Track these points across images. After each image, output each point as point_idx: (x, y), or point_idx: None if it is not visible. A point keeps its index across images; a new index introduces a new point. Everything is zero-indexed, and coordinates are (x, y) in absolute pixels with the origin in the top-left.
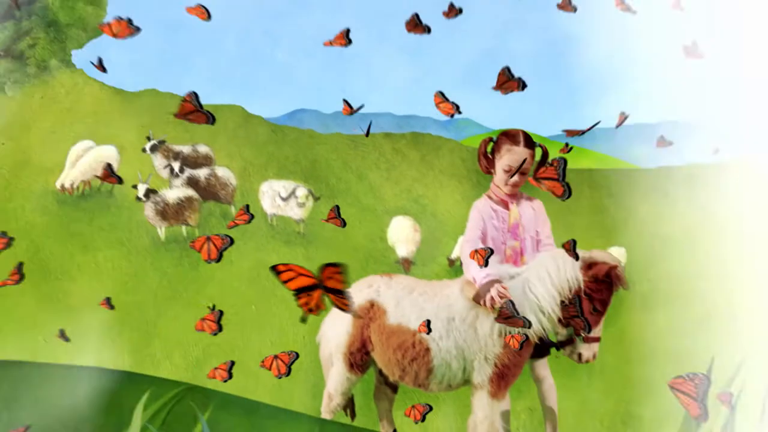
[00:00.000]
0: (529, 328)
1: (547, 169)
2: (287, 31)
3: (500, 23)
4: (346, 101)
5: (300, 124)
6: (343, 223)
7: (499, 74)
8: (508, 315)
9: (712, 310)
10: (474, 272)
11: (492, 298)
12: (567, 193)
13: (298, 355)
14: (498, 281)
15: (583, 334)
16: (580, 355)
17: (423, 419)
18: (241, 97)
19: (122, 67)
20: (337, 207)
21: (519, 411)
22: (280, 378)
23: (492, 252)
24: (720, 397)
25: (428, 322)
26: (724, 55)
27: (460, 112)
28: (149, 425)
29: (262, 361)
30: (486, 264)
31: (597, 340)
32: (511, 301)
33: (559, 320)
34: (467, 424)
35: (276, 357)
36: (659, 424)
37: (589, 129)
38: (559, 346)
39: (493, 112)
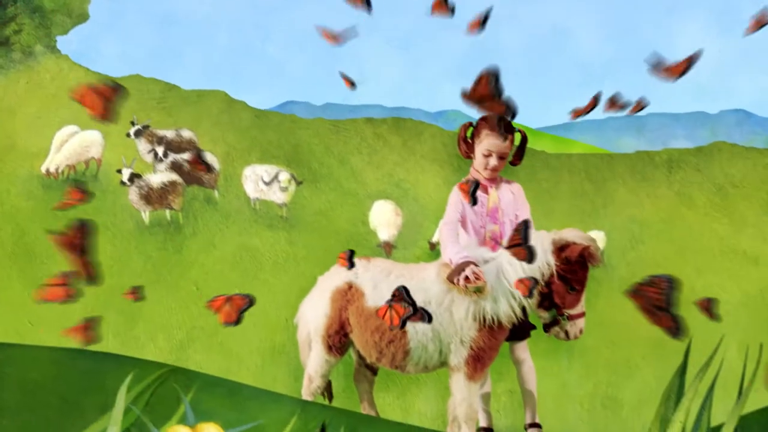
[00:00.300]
0: (429, 322)
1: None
2: (279, 24)
3: (492, 16)
4: (344, 75)
5: None
6: (208, 169)
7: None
8: (402, 303)
9: (690, 293)
10: (451, 254)
11: (466, 278)
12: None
13: (252, 302)
14: (473, 263)
15: (566, 313)
16: (567, 333)
17: None
18: (232, 89)
19: (114, 58)
20: (200, 152)
21: (499, 393)
22: (227, 326)
23: (536, 282)
24: (700, 304)
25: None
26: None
27: (453, 13)
28: (133, 406)
29: (210, 301)
30: (530, 294)
31: (581, 315)
32: (405, 288)
33: (539, 304)
34: (447, 406)
35: (228, 299)
36: (638, 406)
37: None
38: (546, 328)
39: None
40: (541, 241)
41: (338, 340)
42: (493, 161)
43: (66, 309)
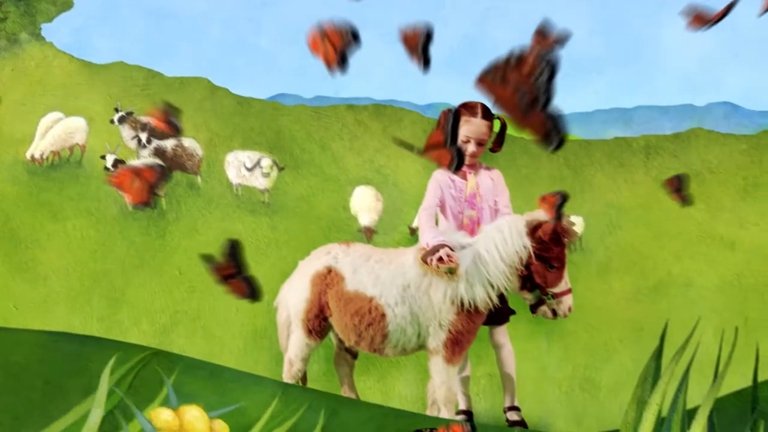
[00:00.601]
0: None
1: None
2: (271, 18)
3: (481, 10)
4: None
5: None
6: (174, 129)
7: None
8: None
9: (667, 277)
10: (428, 238)
11: (440, 258)
12: None
13: (166, 174)
14: (448, 246)
15: (550, 292)
16: (554, 312)
17: None
18: (222, 81)
19: (109, 52)
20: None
21: (479, 377)
22: (137, 209)
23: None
24: (668, 183)
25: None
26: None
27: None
28: (116, 389)
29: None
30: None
31: (567, 292)
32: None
33: (522, 286)
34: (426, 389)
35: (137, 172)
36: (615, 388)
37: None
38: (532, 309)
39: (474, 97)
40: (515, 223)
41: (318, 323)
42: (472, 147)
43: (49, 292)
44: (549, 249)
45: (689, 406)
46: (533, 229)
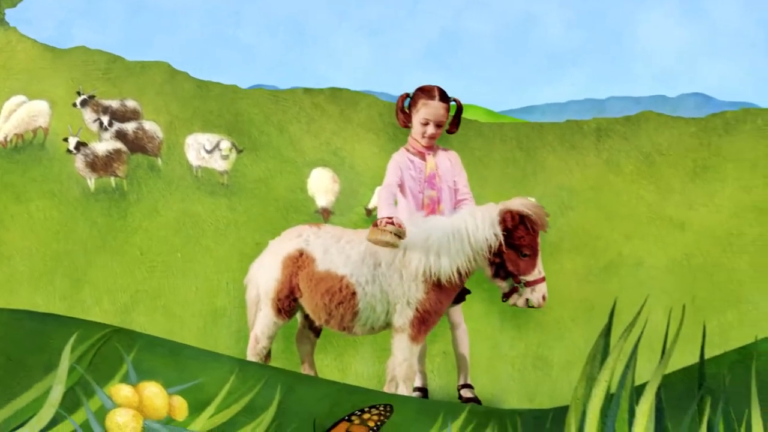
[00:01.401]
0: None
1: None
2: (251, 10)
3: (460, 3)
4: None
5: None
6: None
7: None
8: None
9: (617, 258)
10: (383, 214)
11: (382, 220)
12: None
13: None
14: (397, 219)
15: (522, 280)
16: (527, 301)
17: None
18: (202, 72)
19: (91, 43)
20: None
21: (434, 354)
22: None
23: None
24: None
25: None
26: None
27: None
28: (77, 366)
29: None
30: None
31: (541, 281)
32: None
33: (495, 274)
34: (386, 366)
35: None
36: (567, 366)
37: None
38: (504, 297)
39: (451, 89)
40: (489, 212)
41: (287, 303)
42: (431, 129)
43: (13, 272)
44: (521, 237)
45: (638, 383)
46: (502, 219)
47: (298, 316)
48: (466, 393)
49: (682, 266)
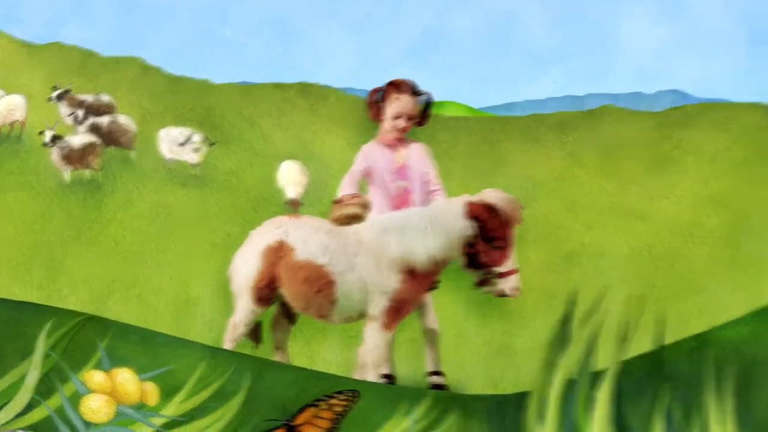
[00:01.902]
0: None
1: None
2: (237, 8)
3: (443, 1)
4: None
5: None
6: None
7: None
8: None
9: (579, 248)
10: (345, 192)
11: (344, 196)
12: None
13: None
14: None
15: (495, 271)
16: (502, 291)
17: None
18: (189, 70)
19: (80, 41)
20: None
21: (401, 342)
22: None
23: None
24: None
25: None
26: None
27: None
28: (51, 353)
29: None
30: None
31: (513, 272)
32: None
33: (468, 264)
34: (357, 353)
35: None
36: (530, 353)
37: None
38: (477, 285)
39: (434, 87)
40: (463, 204)
41: (267, 293)
42: (402, 122)
43: None
44: (494, 229)
45: (598, 368)
46: (478, 210)
47: (276, 303)
48: (434, 379)
49: (642, 256)
